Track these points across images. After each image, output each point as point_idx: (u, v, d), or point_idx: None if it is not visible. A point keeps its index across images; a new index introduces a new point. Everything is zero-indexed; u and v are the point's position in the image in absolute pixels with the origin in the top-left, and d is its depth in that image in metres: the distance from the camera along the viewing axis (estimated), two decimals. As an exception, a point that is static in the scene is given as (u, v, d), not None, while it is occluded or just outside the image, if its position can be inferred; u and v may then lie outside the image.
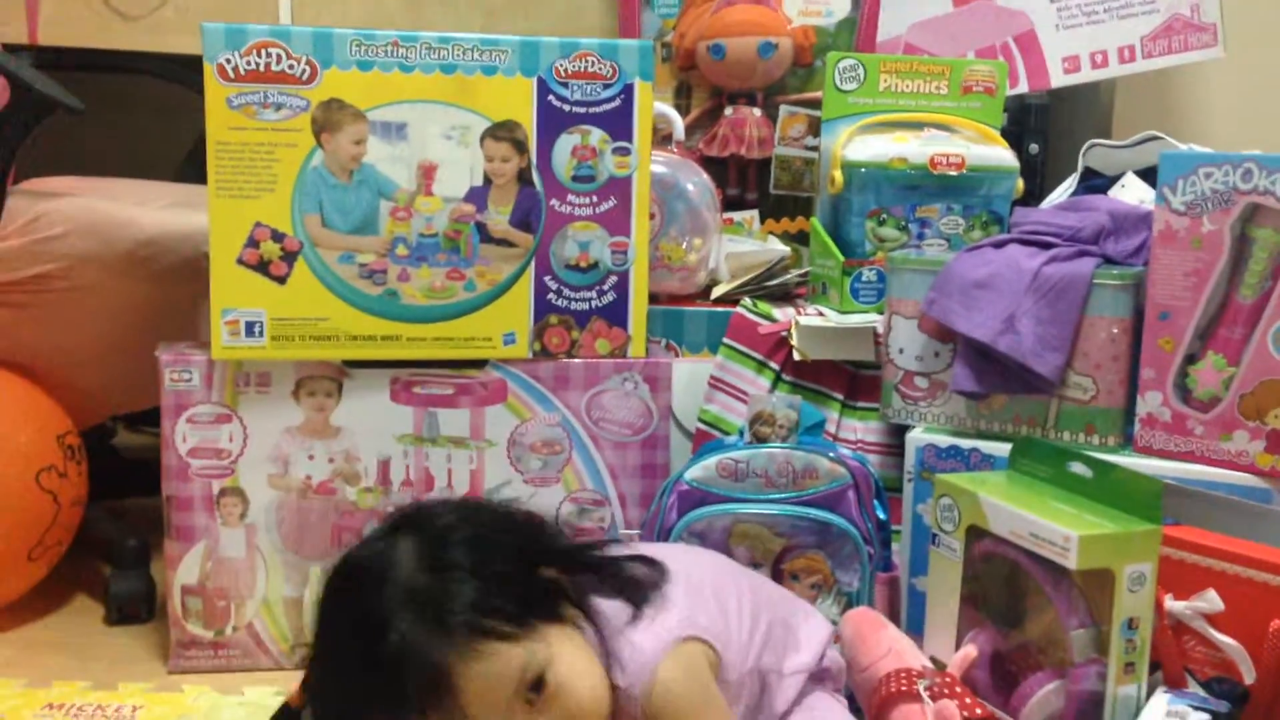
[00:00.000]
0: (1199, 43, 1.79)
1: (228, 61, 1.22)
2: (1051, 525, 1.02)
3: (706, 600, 1.02)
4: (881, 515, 1.26)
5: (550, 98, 1.28)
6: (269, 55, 1.22)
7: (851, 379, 1.42)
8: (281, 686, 1.24)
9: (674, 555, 1.06)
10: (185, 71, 1.55)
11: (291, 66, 1.23)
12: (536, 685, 0.87)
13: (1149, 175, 1.45)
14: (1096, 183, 1.52)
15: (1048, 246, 1.26)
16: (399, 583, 0.87)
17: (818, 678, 1.08)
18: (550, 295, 1.31)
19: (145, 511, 1.45)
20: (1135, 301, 1.21)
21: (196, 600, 1.28)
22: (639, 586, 0.98)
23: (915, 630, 1.21)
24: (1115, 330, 1.21)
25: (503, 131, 1.28)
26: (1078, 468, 1.11)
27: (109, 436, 1.95)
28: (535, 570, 0.94)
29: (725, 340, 1.42)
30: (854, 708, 1.13)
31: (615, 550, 1.02)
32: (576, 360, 1.32)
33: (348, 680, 0.87)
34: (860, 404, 1.41)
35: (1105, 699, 1.02)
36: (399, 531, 0.92)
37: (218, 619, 1.28)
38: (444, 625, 0.85)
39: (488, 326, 1.30)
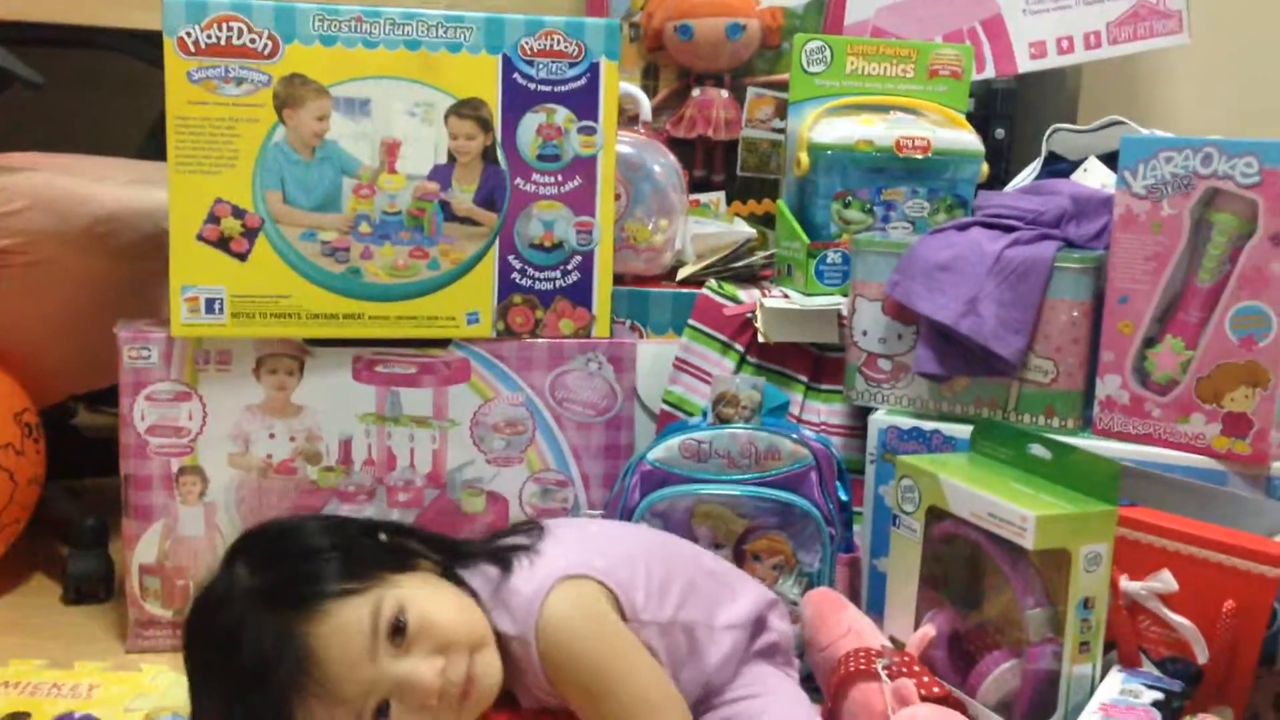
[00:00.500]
0: (1164, 29, 1.80)
1: (188, 35, 1.21)
2: (1010, 506, 1.03)
3: (603, 550, 1.01)
4: (843, 496, 1.27)
5: (515, 76, 1.27)
6: (230, 29, 1.21)
7: (816, 361, 1.42)
8: (241, 666, 1.24)
9: (579, 523, 1.07)
10: (147, 47, 1.52)
11: (253, 41, 1.21)
12: (398, 629, 0.86)
13: (1112, 160, 1.45)
14: (1060, 167, 1.53)
15: (1010, 230, 1.26)
16: (235, 594, 0.88)
17: (766, 652, 1.07)
18: (514, 274, 1.30)
19: (104, 491, 1.44)
20: (1096, 285, 1.22)
21: (155, 580, 1.27)
22: (506, 546, 0.98)
23: (876, 611, 1.22)
24: (1076, 313, 1.22)
25: (467, 109, 1.27)
26: (1037, 450, 1.12)
27: (69, 416, 1.94)
28: (375, 537, 0.95)
29: (690, 322, 1.42)
30: (812, 687, 1.14)
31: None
32: (540, 340, 1.31)
33: (227, 700, 0.87)
34: (824, 386, 1.41)
35: (1060, 677, 1.03)
36: (231, 557, 0.92)
37: (176, 598, 1.27)
38: (284, 605, 0.86)
39: (451, 305, 1.29)
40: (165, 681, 1.19)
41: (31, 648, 1.24)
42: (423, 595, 0.90)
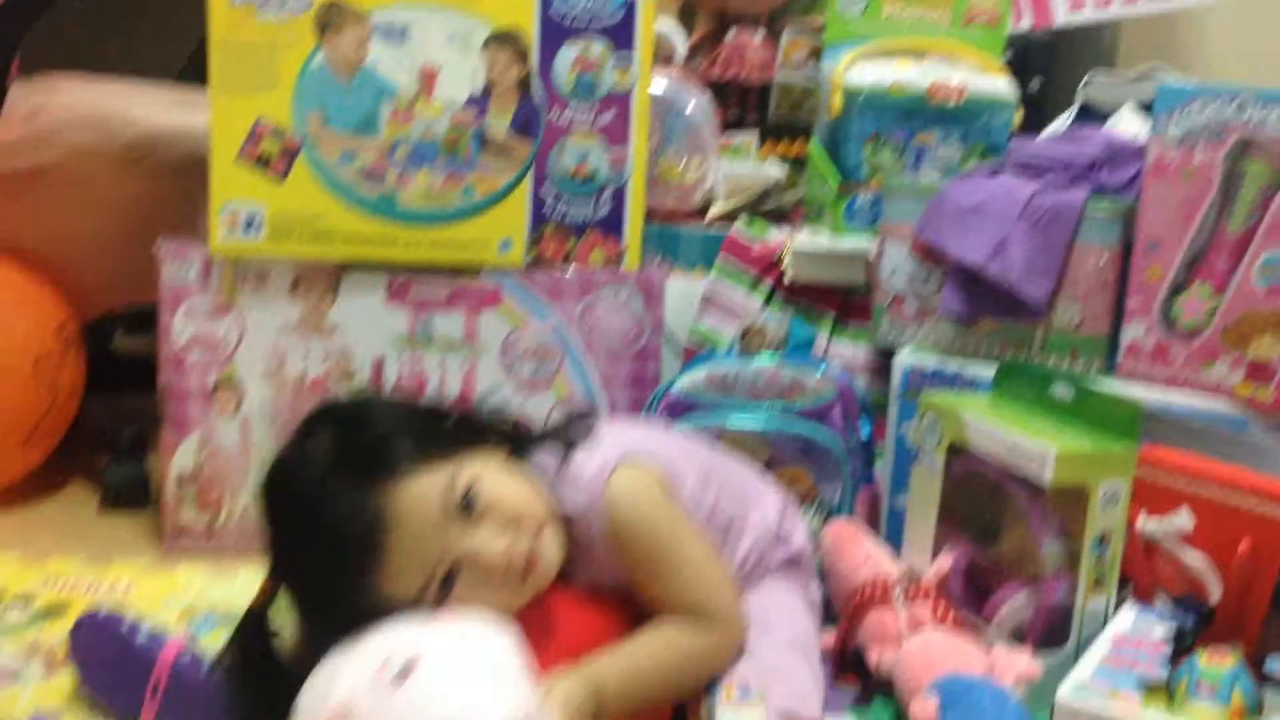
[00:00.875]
0: (1204, -15, 1.78)
1: (232, -43, 1.22)
2: (1030, 442, 1.05)
3: (650, 440, 1.05)
4: (865, 433, 1.28)
5: (553, 7, 1.28)
6: (274, -49, 1.22)
7: (843, 301, 1.43)
8: (270, 576, 1.27)
9: (628, 420, 1.13)
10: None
11: (297, -37, 1.23)
12: (468, 505, 0.89)
13: (1148, 110, 1.45)
14: (1094, 116, 1.52)
15: (1042, 176, 1.27)
16: (315, 461, 0.90)
17: (787, 566, 1.09)
18: (547, 204, 1.32)
19: (143, 407, 1.46)
20: (1125, 231, 1.23)
21: (191, 488, 1.30)
22: (567, 429, 1.01)
23: (895, 547, 1.24)
24: (1104, 259, 1.23)
25: (505, 39, 1.28)
26: (1060, 390, 1.13)
27: (107, 339, 1.97)
28: (446, 416, 0.97)
29: (720, 257, 1.43)
30: (831, 615, 1.16)
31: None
32: (571, 270, 1.33)
33: (301, 560, 0.90)
34: (850, 325, 1.42)
35: (1074, 611, 1.05)
36: (308, 426, 0.95)
37: (211, 508, 1.31)
38: (362, 473, 0.88)
39: (484, 233, 1.31)
40: (201, 583, 1.22)
41: (70, 548, 1.28)
42: (492, 473, 0.92)
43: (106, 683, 0.99)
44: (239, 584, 1.22)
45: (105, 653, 0.98)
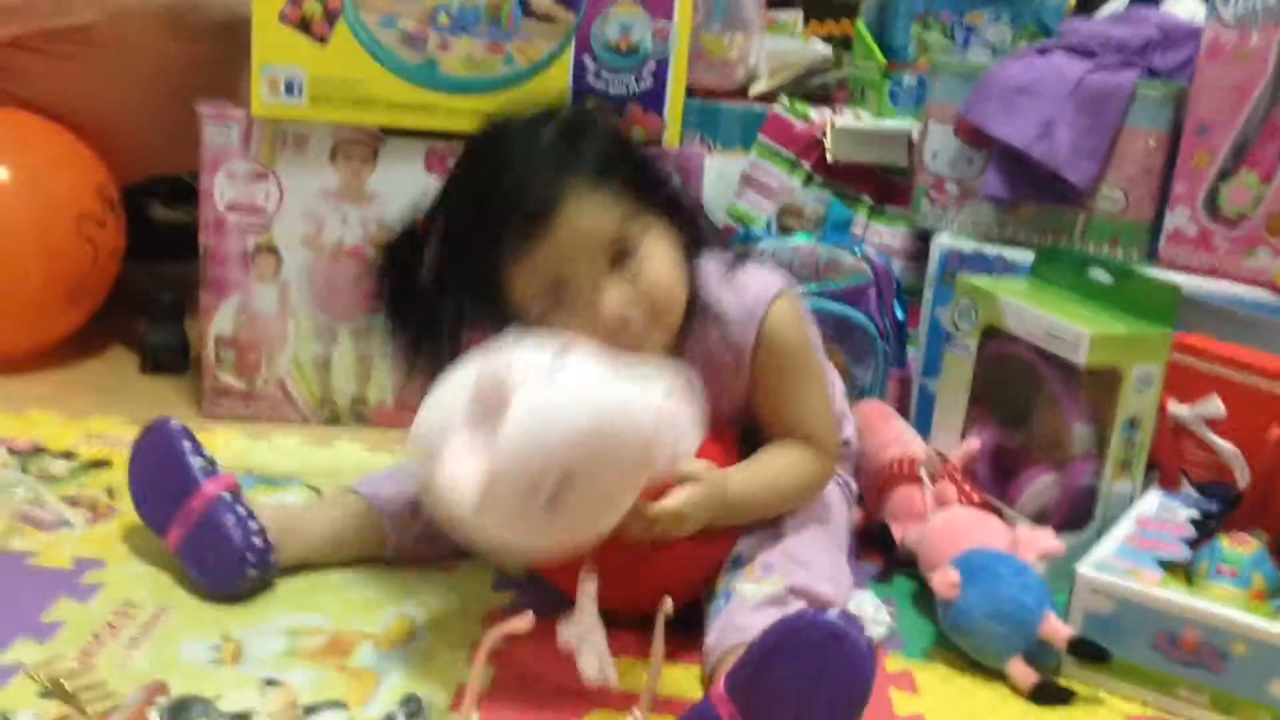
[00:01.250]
0: None
1: None
2: (1066, 324, 1.04)
3: None
4: (900, 315, 1.28)
5: None
6: None
7: (882, 184, 1.42)
8: (307, 438, 1.29)
9: None
10: None
11: None
12: (622, 255, 0.90)
13: (1205, -6, 1.42)
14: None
15: (1093, 56, 1.24)
16: (538, 133, 0.93)
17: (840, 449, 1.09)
18: (589, 76, 1.30)
19: (181, 273, 1.48)
20: (1175, 115, 1.21)
21: (229, 351, 1.32)
22: (738, 247, 1.05)
23: (923, 430, 1.25)
24: (1152, 143, 1.21)
25: (550, -97, 1.26)
26: (1099, 274, 1.12)
27: (145, 208, 1.98)
28: (655, 180, 0.96)
29: (759, 137, 1.42)
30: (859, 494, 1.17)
31: None
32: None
33: (472, 203, 0.92)
34: (889, 208, 1.41)
35: (1099, 494, 1.06)
36: (543, 115, 0.96)
37: (250, 370, 1.33)
38: (566, 168, 0.90)
39: (525, 102, 1.29)
40: (240, 445, 1.25)
41: (111, 408, 1.30)
42: (657, 247, 0.92)
43: (148, 491, 1.01)
44: (276, 448, 1.25)
45: (159, 460, 1.01)
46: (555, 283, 0.90)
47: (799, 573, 0.92)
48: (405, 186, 1.29)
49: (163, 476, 0.99)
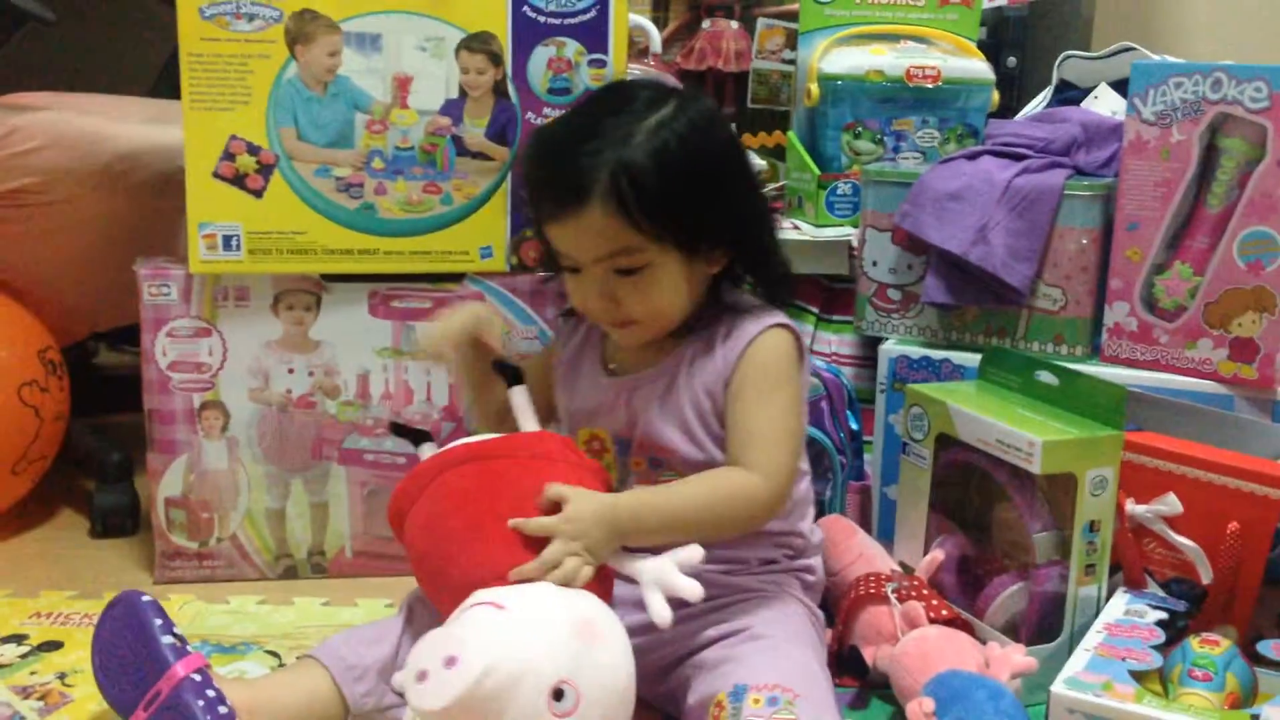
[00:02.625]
0: (1178, -47, 1.78)
1: (198, -28, 1.21)
2: (1017, 431, 1.05)
3: None
4: (854, 425, 1.29)
5: (525, 9, 1.27)
6: (240, -35, 1.21)
7: (826, 292, 1.43)
8: (266, 596, 1.27)
9: None
10: (157, -16, 1.53)
11: (263, -23, 1.22)
12: (628, 272, 0.99)
13: (1123, 86, 1.45)
14: (1071, 94, 1.52)
15: (1020, 158, 1.27)
16: (634, 127, 0.98)
17: (804, 572, 1.09)
18: (527, 209, 1.31)
19: (128, 428, 1.46)
20: (1105, 212, 1.23)
21: (180, 512, 1.30)
22: (781, 290, 1.09)
23: (886, 537, 1.24)
24: (1085, 241, 1.22)
25: (477, 43, 1.27)
26: (1045, 376, 1.13)
27: (90, 356, 1.96)
28: (721, 214, 1.01)
29: (701, 254, 1.42)
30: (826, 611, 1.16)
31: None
32: (553, 273, 1.32)
33: (540, 156, 1.04)
34: (835, 317, 1.42)
35: (1066, 599, 1.06)
36: (669, 97, 1.02)
37: (202, 530, 1.30)
38: (612, 176, 0.96)
39: (465, 240, 1.30)
40: (194, 610, 1.22)
41: (61, 579, 1.28)
42: (667, 272, 1.00)
43: (113, 671, 0.97)
44: (232, 611, 1.23)
45: (127, 639, 0.97)
46: (565, 255, 1.01)
47: (807, 701, 0.90)
48: (351, 332, 1.29)
49: (131, 656, 0.96)
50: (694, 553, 0.92)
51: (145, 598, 0.98)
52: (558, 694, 0.83)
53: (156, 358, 1.27)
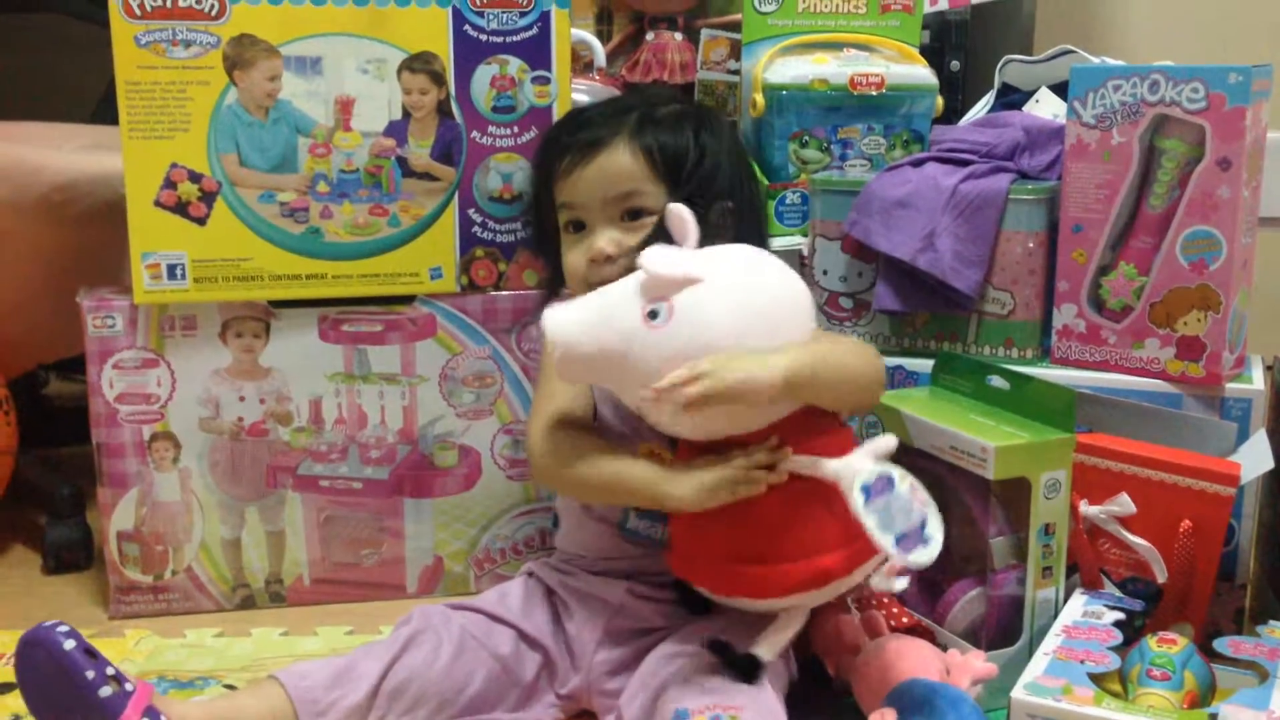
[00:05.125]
0: (1116, -47, 1.80)
1: (133, -2, 1.19)
2: (970, 438, 1.05)
3: None
4: (810, 434, 1.28)
5: (466, 27, 1.27)
6: (176, -9, 1.20)
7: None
8: (223, 628, 1.26)
9: None
10: (94, 8, 1.51)
11: (199, 2, 1.20)
12: (633, 215, 1.08)
13: (1063, 89, 1.46)
14: (1014, 98, 1.53)
15: (965, 164, 1.27)
16: (658, 102, 1.13)
17: None
18: (475, 228, 1.31)
19: (80, 459, 1.44)
20: (1050, 215, 1.24)
21: (134, 546, 1.28)
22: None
23: (845, 544, 1.24)
24: (1031, 244, 1.23)
25: (419, 63, 1.26)
26: (996, 381, 1.14)
27: (40, 385, 1.93)
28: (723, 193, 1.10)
29: (653, 267, 1.42)
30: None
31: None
32: (504, 292, 1.32)
33: (572, 116, 1.18)
34: (787, 325, 1.42)
35: (1025, 602, 1.06)
36: (690, 102, 1.22)
37: (156, 563, 1.29)
38: (637, 126, 1.09)
39: (414, 262, 1.29)
40: (150, 645, 1.21)
41: (15, 617, 1.25)
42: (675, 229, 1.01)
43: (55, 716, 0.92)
44: (189, 645, 1.21)
45: (59, 689, 0.91)
46: (574, 206, 1.10)
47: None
48: (302, 357, 1.28)
49: (70, 705, 0.94)
50: (889, 440, 0.96)
51: (69, 643, 0.91)
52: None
53: (103, 390, 1.25)
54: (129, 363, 1.25)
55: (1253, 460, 1.08)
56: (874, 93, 1.44)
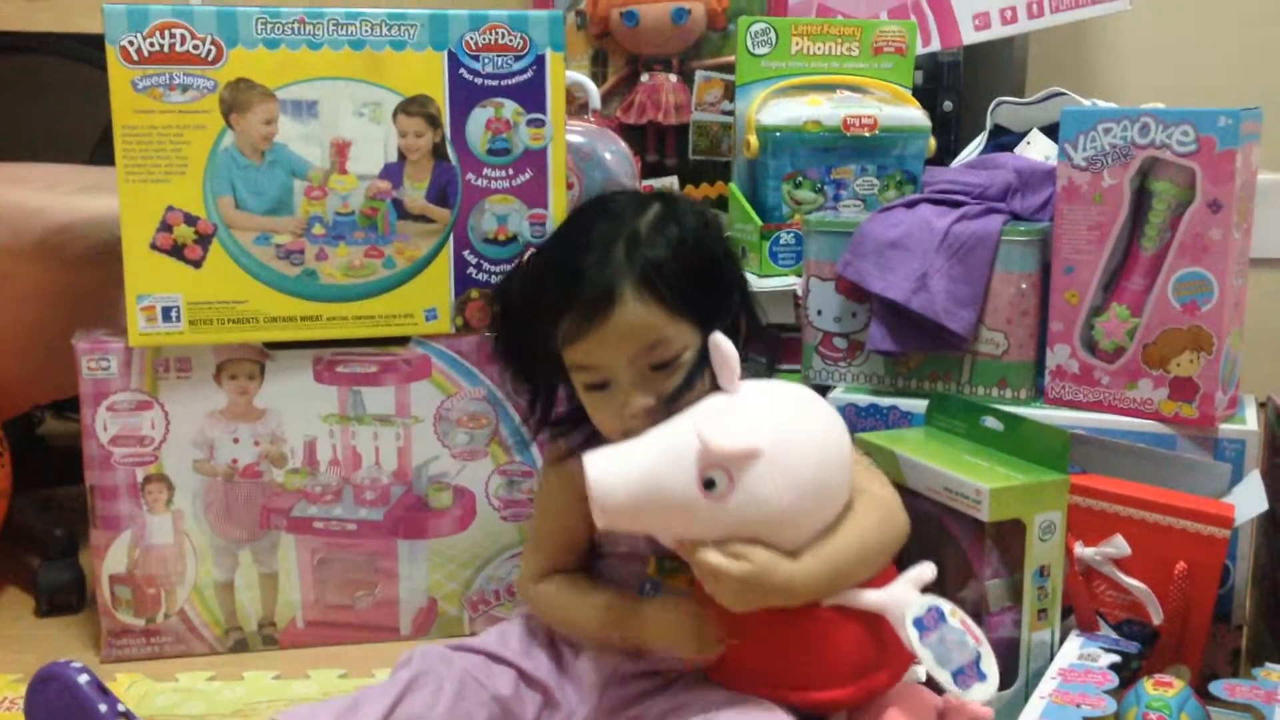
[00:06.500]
0: (1106, -5, 1.81)
1: (130, 43, 1.20)
2: (965, 479, 1.05)
3: None
4: (804, 475, 1.28)
5: (461, 71, 1.28)
6: (172, 36, 1.21)
7: (773, 342, 1.44)
8: (215, 672, 1.25)
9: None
10: (92, 51, 1.52)
11: (196, 47, 1.21)
12: (662, 366, 0.99)
13: (1054, 131, 1.47)
14: (1005, 139, 1.54)
15: (958, 205, 1.28)
16: (638, 224, 1.01)
17: None
18: (470, 269, 1.31)
19: (74, 500, 1.44)
20: (1042, 256, 1.24)
21: (126, 589, 1.28)
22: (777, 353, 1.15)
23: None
24: (1024, 285, 1.24)
25: (415, 106, 1.27)
26: (990, 422, 1.14)
27: (35, 425, 1.93)
28: (724, 290, 1.04)
29: (647, 307, 1.43)
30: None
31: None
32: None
33: (546, 277, 1.03)
34: (782, 366, 1.43)
35: (1020, 645, 1.06)
36: (653, 198, 1.05)
37: (148, 607, 1.28)
38: (640, 267, 0.98)
39: (409, 303, 1.30)
40: (142, 690, 1.20)
41: (7, 662, 1.25)
42: (693, 360, 0.99)
43: None
44: (181, 690, 1.21)
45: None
46: (597, 369, 0.99)
47: None
48: (296, 399, 1.28)
49: None
50: (929, 569, 0.96)
51: (82, 677, 0.95)
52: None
53: (97, 432, 1.25)
54: (123, 405, 1.25)
55: (1247, 502, 1.08)
56: (867, 134, 1.45)
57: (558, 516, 1.08)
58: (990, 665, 0.94)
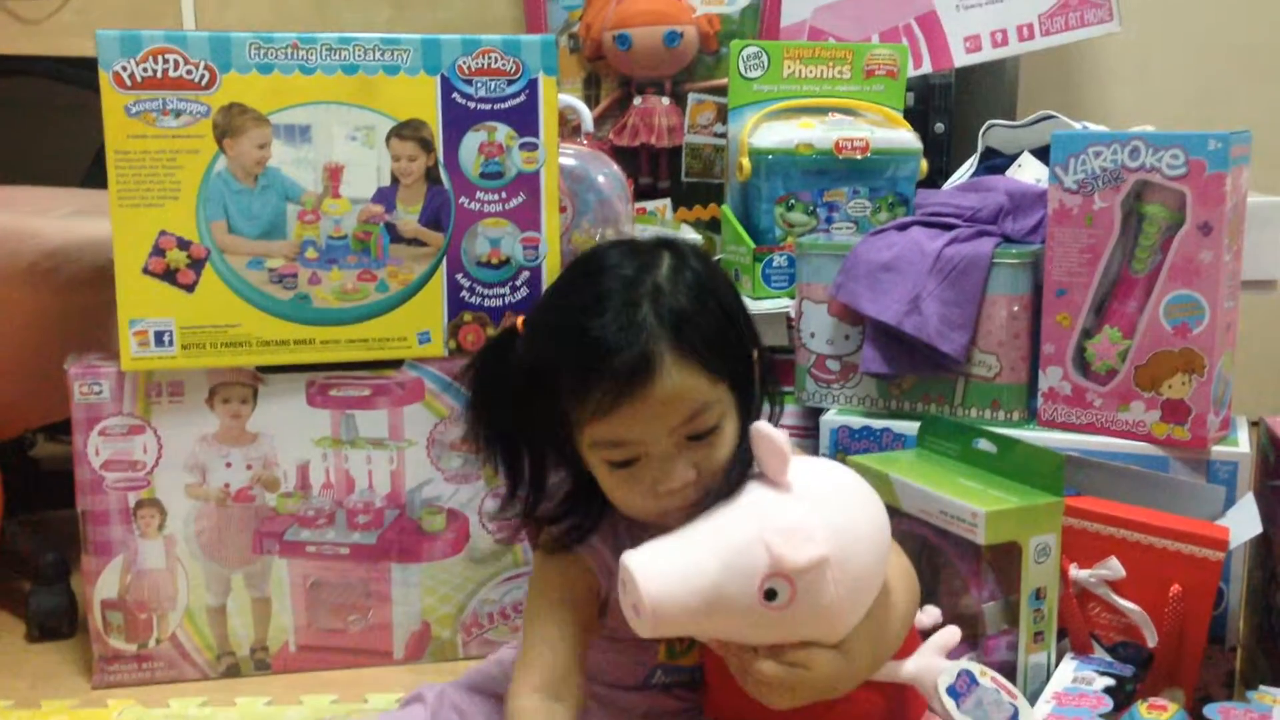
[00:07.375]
0: (1095, 18, 1.83)
1: (124, 69, 1.20)
2: (960, 502, 1.05)
3: None
4: (798, 497, 1.28)
5: (454, 95, 1.28)
6: (165, 61, 1.21)
7: (767, 364, 1.43)
8: (208, 697, 1.24)
9: None
10: (86, 74, 1.52)
11: (189, 72, 1.21)
12: (700, 437, 0.91)
13: (1046, 154, 1.48)
14: (997, 162, 1.55)
15: (949, 228, 1.29)
16: (656, 278, 0.91)
17: None
18: (463, 293, 1.31)
19: (65, 524, 1.43)
20: (1034, 279, 1.24)
21: (117, 614, 1.27)
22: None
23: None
24: (1016, 308, 1.24)
25: (408, 130, 1.27)
26: (983, 444, 1.14)
27: (27, 448, 1.92)
28: (749, 349, 0.98)
29: (641, 330, 1.43)
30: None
31: None
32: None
33: (559, 346, 0.91)
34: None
35: (1017, 668, 1.06)
36: (662, 246, 0.95)
37: (140, 632, 1.28)
38: (673, 327, 0.89)
39: (402, 326, 1.30)
40: (134, 716, 1.19)
41: (-3, 689, 1.24)
42: (731, 427, 0.93)
43: None
44: (172, 716, 1.20)
45: None
46: (629, 445, 0.90)
47: None
48: (289, 422, 1.28)
49: None
50: (952, 634, 0.96)
51: None
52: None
53: (89, 457, 1.25)
54: (115, 429, 1.25)
55: (1241, 524, 1.08)
56: (859, 156, 1.46)
57: (558, 607, 0.97)
58: (1029, 718, 0.95)
